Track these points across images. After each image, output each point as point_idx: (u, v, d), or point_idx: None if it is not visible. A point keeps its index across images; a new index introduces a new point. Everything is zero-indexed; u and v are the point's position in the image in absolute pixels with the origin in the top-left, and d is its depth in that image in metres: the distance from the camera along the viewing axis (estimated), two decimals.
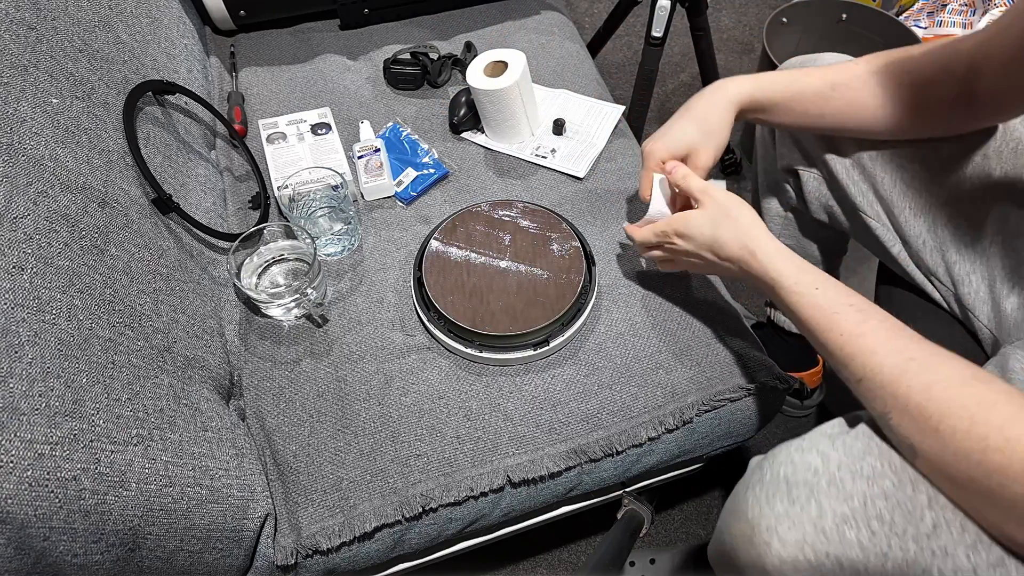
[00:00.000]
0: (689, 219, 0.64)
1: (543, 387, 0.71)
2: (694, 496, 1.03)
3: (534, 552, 0.98)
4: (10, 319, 0.46)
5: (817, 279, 0.55)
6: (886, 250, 0.74)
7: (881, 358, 0.47)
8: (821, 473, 0.46)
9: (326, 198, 0.83)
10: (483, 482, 0.66)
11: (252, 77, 1.03)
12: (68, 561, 0.46)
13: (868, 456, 0.46)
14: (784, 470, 0.47)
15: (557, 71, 1.06)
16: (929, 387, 0.43)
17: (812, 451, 0.47)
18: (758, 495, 0.48)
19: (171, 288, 0.67)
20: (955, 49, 0.60)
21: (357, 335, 0.76)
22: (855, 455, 0.46)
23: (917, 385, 0.44)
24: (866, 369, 0.47)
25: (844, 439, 0.47)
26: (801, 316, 0.54)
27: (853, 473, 0.45)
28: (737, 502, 0.50)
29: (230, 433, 0.65)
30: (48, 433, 0.45)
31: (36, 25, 0.62)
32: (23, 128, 0.55)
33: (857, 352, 0.49)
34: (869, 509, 0.43)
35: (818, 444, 0.48)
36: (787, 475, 0.47)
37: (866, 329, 0.49)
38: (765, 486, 0.48)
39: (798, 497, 0.45)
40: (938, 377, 0.44)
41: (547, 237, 0.79)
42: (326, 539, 0.63)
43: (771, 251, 0.58)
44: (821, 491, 0.45)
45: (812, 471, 0.46)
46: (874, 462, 0.45)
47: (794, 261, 0.57)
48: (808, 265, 0.57)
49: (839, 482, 0.45)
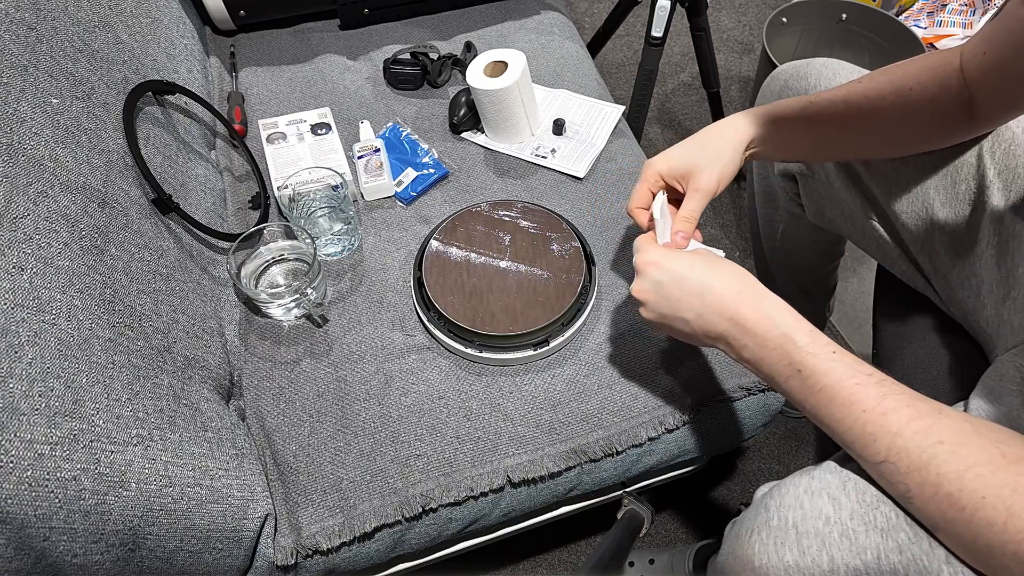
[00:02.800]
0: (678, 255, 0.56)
1: (543, 387, 0.71)
2: (694, 496, 1.03)
3: (534, 552, 0.98)
4: (10, 319, 0.46)
5: (831, 343, 0.48)
6: (884, 253, 0.74)
7: (906, 441, 0.42)
8: (833, 523, 0.43)
9: (326, 198, 0.83)
10: (483, 482, 0.66)
11: (252, 77, 1.03)
12: (68, 561, 0.46)
13: (882, 505, 0.44)
14: (793, 515, 0.45)
15: (557, 71, 1.06)
16: (961, 476, 0.40)
17: (823, 495, 0.45)
18: (766, 542, 0.45)
19: (171, 288, 0.67)
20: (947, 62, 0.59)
21: (357, 335, 0.76)
22: (868, 503, 0.44)
23: (947, 473, 0.40)
24: (890, 452, 0.43)
25: (857, 483, 0.45)
26: (815, 383, 0.47)
27: (867, 524, 0.43)
28: (742, 545, 0.47)
29: (230, 433, 0.65)
30: (48, 433, 0.45)
31: (36, 25, 0.62)
32: (23, 128, 0.55)
33: (881, 433, 0.43)
34: (883, 563, 0.41)
35: (829, 487, 0.45)
36: (796, 522, 0.44)
37: (888, 406, 0.44)
38: (772, 531, 0.45)
39: (808, 548, 0.43)
40: (969, 463, 0.40)
41: (547, 237, 0.79)
42: (326, 539, 0.63)
43: (779, 303, 0.50)
44: (833, 543, 0.43)
45: (823, 519, 0.44)
46: (888, 512, 0.43)
47: (804, 319, 0.50)
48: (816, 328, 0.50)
49: (851, 533, 0.43)
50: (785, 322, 0.49)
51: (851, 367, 0.46)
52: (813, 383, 0.47)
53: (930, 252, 0.68)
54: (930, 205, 0.66)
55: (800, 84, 0.74)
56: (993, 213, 0.62)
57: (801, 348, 0.48)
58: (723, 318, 0.51)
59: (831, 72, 0.73)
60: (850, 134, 0.65)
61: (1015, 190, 0.61)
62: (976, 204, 0.63)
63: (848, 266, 1.28)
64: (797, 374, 0.48)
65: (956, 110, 0.60)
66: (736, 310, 0.51)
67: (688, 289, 0.53)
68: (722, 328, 0.52)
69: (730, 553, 0.49)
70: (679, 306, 0.54)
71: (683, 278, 0.54)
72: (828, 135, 0.66)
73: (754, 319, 0.50)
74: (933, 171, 0.66)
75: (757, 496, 0.51)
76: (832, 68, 0.73)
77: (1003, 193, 0.61)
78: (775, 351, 0.49)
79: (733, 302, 0.51)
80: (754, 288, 0.52)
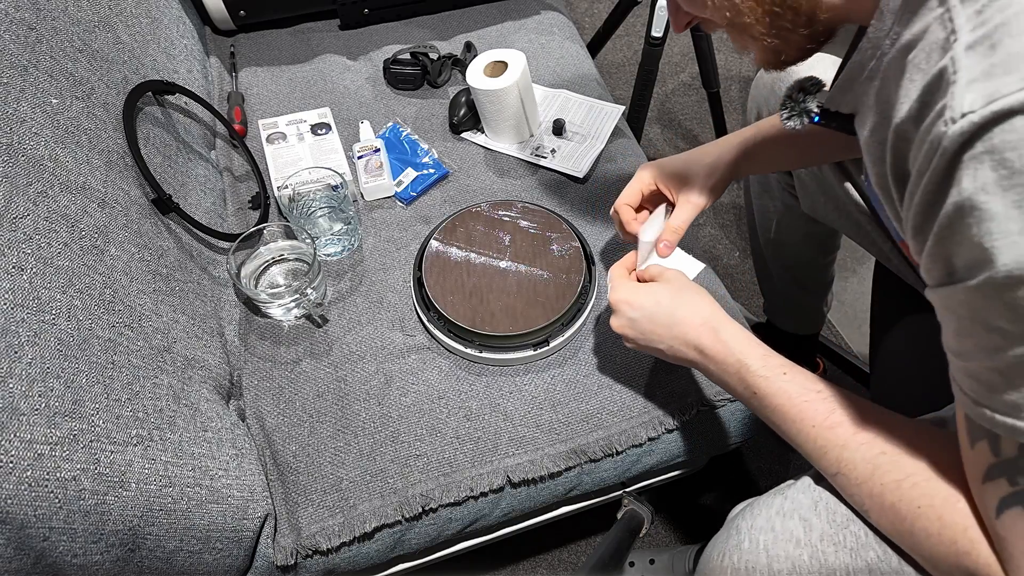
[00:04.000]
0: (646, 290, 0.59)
1: (543, 387, 0.71)
2: (694, 496, 1.03)
3: (534, 552, 0.98)
4: (10, 319, 0.46)
5: (784, 364, 0.51)
6: (877, 247, 0.74)
7: (852, 453, 0.44)
8: (803, 544, 0.45)
9: (326, 198, 0.83)
10: (483, 482, 0.66)
11: (252, 77, 1.03)
12: (68, 561, 0.46)
13: (852, 524, 0.45)
14: (764, 538, 0.46)
15: (557, 71, 1.06)
16: (899, 485, 0.42)
17: (794, 516, 0.46)
18: (737, 566, 0.46)
19: (171, 288, 0.67)
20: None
21: (357, 335, 0.75)
22: (838, 523, 0.45)
23: (888, 483, 0.42)
24: (840, 464, 0.45)
25: (828, 503, 0.46)
26: (769, 404, 0.50)
27: (836, 545, 0.44)
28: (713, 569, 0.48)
29: (230, 433, 0.65)
30: (48, 433, 0.45)
31: (36, 25, 0.62)
32: (23, 128, 0.55)
33: (829, 445, 0.46)
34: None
35: (800, 508, 0.46)
36: (767, 545, 0.46)
37: (835, 420, 0.46)
38: (744, 555, 0.46)
39: (779, 571, 0.44)
40: (907, 472, 0.42)
41: (547, 237, 0.79)
42: (326, 539, 0.63)
43: (736, 331, 0.54)
44: (803, 565, 0.44)
45: (794, 542, 0.45)
46: (858, 531, 0.44)
47: (760, 344, 0.53)
48: (771, 351, 0.53)
49: (821, 555, 0.44)
50: (740, 349, 0.52)
51: (801, 385, 0.49)
52: (767, 403, 0.50)
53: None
54: None
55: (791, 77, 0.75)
56: None
57: (754, 372, 0.51)
58: (689, 348, 0.55)
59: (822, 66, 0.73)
60: (832, 144, 0.66)
61: None
62: None
63: (847, 266, 1.28)
64: (753, 395, 0.51)
65: None
66: (698, 340, 0.55)
67: (659, 322, 0.57)
68: (690, 356, 0.56)
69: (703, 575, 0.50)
70: (652, 338, 0.58)
71: (653, 314, 0.58)
72: (811, 149, 0.68)
73: (714, 349, 0.54)
74: None
75: (730, 516, 0.52)
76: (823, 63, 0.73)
77: None
78: (733, 376, 0.53)
79: (695, 333, 0.55)
80: (715, 317, 0.55)
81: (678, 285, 0.59)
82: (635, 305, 0.59)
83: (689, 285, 0.59)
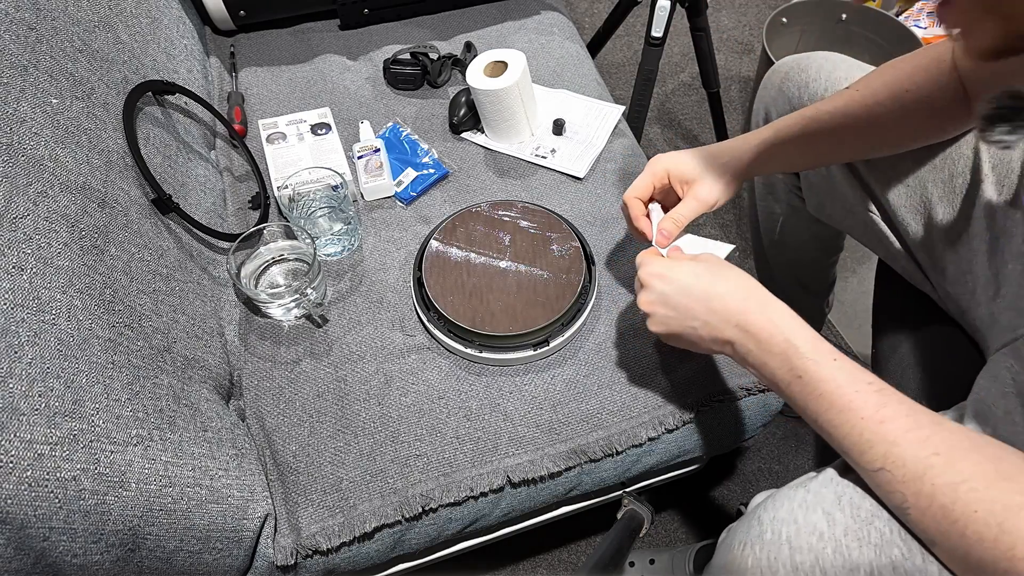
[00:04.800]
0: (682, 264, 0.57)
1: (543, 387, 0.71)
2: (694, 496, 1.03)
3: (534, 552, 0.98)
4: (10, 319, 0.46)
5: (833, 350, 0.48)
6: (884, 247, 0.74)
7: (903, 450, 0.43)
8: (827, 538, 0.43)
9: (326, 198, 0.83)
10: (483, 482, 0.66)
11: (252, 77, 1.03)
12: (68, 561, 0.46)
13: (876, 520, 0.44)
14: (787, 530, 0.45)
15: (557, 71, 1.06)
16: (955, 489, 0.40)
17: (817, 510, 0.45)
18: (759, 556, 0.45)
19: (171, 288, 0.67)
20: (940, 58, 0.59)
21: (357, 335, 0.75)
22: (863, 519, 0.44)
23: (942, 485, 0.41)
24: (887, 460, 0.43)
25: (852, 498, 0.45)
26: (815, 390, 0.47)
27: (860, 540, 0.43)
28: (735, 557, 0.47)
29: (230, 433, 0.65)
30: (48, 433, 0.45)
31: (36, 25, 0.62)
32: (23, 128, 0.55)
33: (878, 440, 0.44)
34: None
35: (824, 501, 0.45)
36: (790, 536, 0.45)
37: (887, 415, 0.44)
38: (766, 546, 0.45)
39: (802, 564, 0.43)
40: (964, 477, 0.41)
41: (547, 237, 0.79)
42: (326, 539, 0.63)
43: (783, 310, 0.51)
44: (826, 559, 0.43)
45: (817, 535, 0.44)
46: (883, 527, 0.43)
47: (808, 326, 0.50)
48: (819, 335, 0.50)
49: (845, 549, 0.43)
50: (789, 328, 0.49)
51: (851, 374, 0.46)
52: (813, 389, 0.47)
53: (928, 247, 0.68)
54: (927, 199, 0.66)
55: (800, 77, 0.74)
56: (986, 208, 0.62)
57: (803, 355, 0.48)
58: (730, 324, 0.52)
59: (831, 65, 0.73)
60: (849, 143, 0.65)
61: (1007, 185, 0.60)
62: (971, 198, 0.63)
63: (848, 266, 1.28)
64: (798, 379, 0.48)
65: (951, 105, 0.60)
66: (743, 316, 0.51)
67: (695, 296, 0.54)
68: (729, 334, 0.52)
69: (723, 565, 0.49)
70: (686, 315, 0.55)
71: (689, 287, 0.54)
72: (828, 149, 0.67)
73: (759, 325, 0.51)
74: (930, 164, 0.66)
75: (752, 505, 0.51)
76: (832, 61, 0.73)
77: (996, 188, 0.61)
78: (778, 356, 0.49)
79: (739, 308, 0.52)
80: (759, 294, 0.52)
81: (716, 262, 0.56)
82: (669, 278, 0.55)
83: (727, 263, 0.56)
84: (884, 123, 0.63)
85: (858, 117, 0.63)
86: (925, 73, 0.60)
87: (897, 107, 0.62)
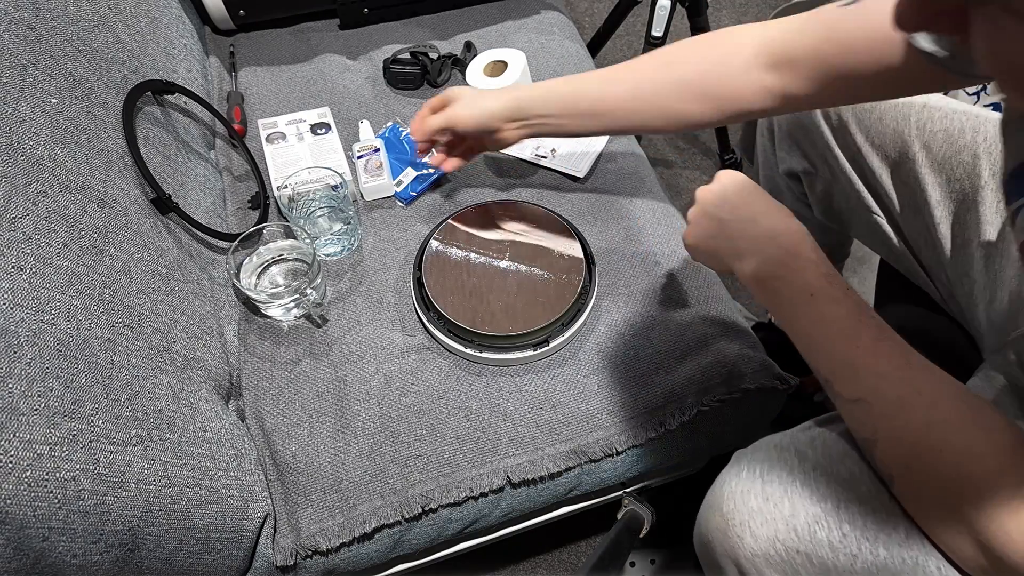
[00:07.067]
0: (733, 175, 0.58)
1: (543, 387, 0.71)
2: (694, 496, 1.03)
3: (534, 552, 0.98)
4: (9, 319, 0.46)
5: (846, 282, 0.49)
6: (889, 249, 0.74)
7: (887, 384, 0.44)
8: (796, 472, 0.47)
9: (326, 198, 0.83)
10: (483, 482, 0.66)
11: (252, 77, 1.02)
12: (67, 561, 0.46)
13: (847, 460, 0.47)
14: (760, 467, 0.48)
15: (557, 71, 1.06)
16: (928, 427, 0.42)
17: (790, 449, 0.48)
18: (734, 489, 0.49)
19: (170, 288, 0.67)
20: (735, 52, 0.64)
21: (357, 335, 0.75)
22: (833, 457, 0.47)
23: (916, 423, 0.43)
24: (869, 392, 0.45)
25: (825, 440, 0.48)
26: (826, 314, 0.48)
27: (829, 476, 0.46)
28: (715, 495, 0.51)
29: (229, 433, 0.65)
30: (47, 433, 0.45)
31: (35, 25, 0.62)
32: (22, 128, 0.55)
33: (866, 371, 0.45)
34: (842, 512, 0.44)
35: (798, 442, 0.49)
36: (762, 472, 0.48)
37: (882, 349, 0.46)
38: (741, 481, 0.49)
39: (772, 495, 0.47)
40: (940, 419, 0.42)
41: (547, 237, 0.79)
42: (325, 539, 0.63)
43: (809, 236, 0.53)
44: (795, 491, 0.46)
45: (788, 469, 0.47)
46: (852, 466, 0.46)
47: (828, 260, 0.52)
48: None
49: (813, 483, 0.46)
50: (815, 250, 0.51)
51: (859, 304, 0.48)
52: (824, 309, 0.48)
53: (931, 250, 0.68)
54: (928, 202, 0.67)
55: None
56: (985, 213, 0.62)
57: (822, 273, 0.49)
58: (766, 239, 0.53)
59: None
60: (637, 120, 0.68)
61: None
62: (971, 202, 0.63)
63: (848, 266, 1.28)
64: (810, 298, 0.49)
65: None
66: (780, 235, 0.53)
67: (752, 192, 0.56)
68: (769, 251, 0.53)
69: (705, 504, 0.53)
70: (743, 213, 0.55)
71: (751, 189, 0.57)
72: (615, 123, 0.69)
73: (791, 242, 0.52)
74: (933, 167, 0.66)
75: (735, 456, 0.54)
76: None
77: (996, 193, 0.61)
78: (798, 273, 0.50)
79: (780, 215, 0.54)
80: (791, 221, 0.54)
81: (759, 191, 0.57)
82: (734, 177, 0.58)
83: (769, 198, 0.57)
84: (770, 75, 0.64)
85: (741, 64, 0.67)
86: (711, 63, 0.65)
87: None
